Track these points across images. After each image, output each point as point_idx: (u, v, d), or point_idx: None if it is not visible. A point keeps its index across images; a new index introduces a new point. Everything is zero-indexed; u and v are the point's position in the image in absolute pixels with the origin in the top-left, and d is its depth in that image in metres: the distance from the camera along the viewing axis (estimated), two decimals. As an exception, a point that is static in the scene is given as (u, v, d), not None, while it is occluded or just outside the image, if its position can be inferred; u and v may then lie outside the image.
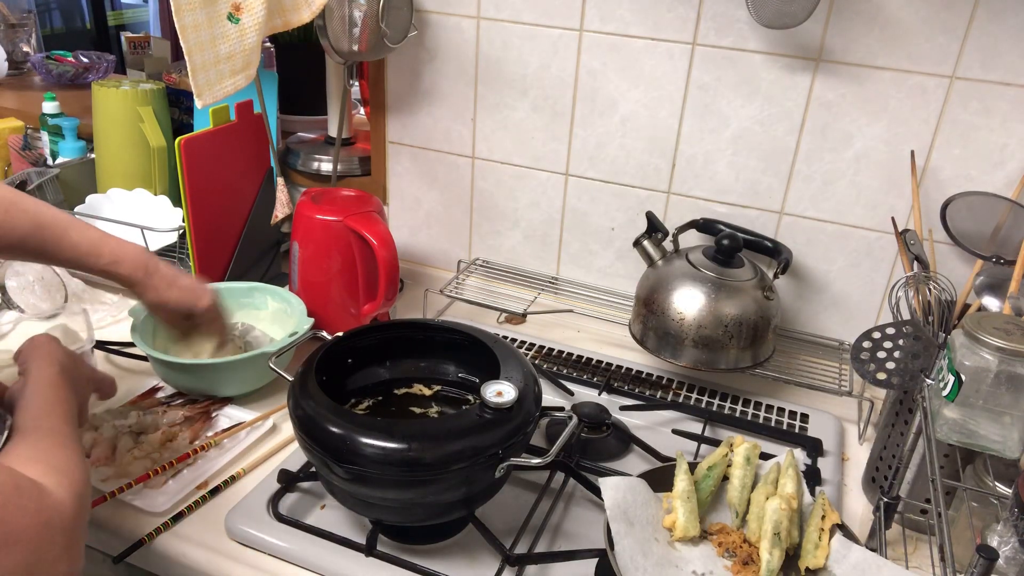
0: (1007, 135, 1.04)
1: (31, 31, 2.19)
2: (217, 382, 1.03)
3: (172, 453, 0.92)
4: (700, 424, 1.05)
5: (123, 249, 0.91)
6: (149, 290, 0.93)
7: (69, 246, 0.88)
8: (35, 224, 0.86)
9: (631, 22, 1.16)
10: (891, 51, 1.05)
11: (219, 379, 1.03)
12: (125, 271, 0.91)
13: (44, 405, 0.68)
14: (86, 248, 0.89)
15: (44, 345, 0.76)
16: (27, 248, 0.86)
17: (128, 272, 0.91)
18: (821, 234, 1.18)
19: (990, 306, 0.93)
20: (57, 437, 0.65)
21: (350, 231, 1.11)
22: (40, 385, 0.70)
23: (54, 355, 0.75)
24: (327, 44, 1.20)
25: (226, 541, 0.83)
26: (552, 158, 1.29)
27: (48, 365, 0.73)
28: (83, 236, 0.89)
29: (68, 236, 0.88)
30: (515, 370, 0.83)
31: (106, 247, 0.90)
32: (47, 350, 0.75)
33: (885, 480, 0.94)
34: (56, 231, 0.87)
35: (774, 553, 0.74)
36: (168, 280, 0.94)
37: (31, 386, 0.70)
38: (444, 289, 1.28)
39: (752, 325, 1.08)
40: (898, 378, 0.91)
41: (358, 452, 0.72)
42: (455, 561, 0.81)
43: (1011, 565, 0.72)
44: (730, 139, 1.18)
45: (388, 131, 1.39)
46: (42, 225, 0.86)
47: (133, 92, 1.38)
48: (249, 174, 1.29)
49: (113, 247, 0.90)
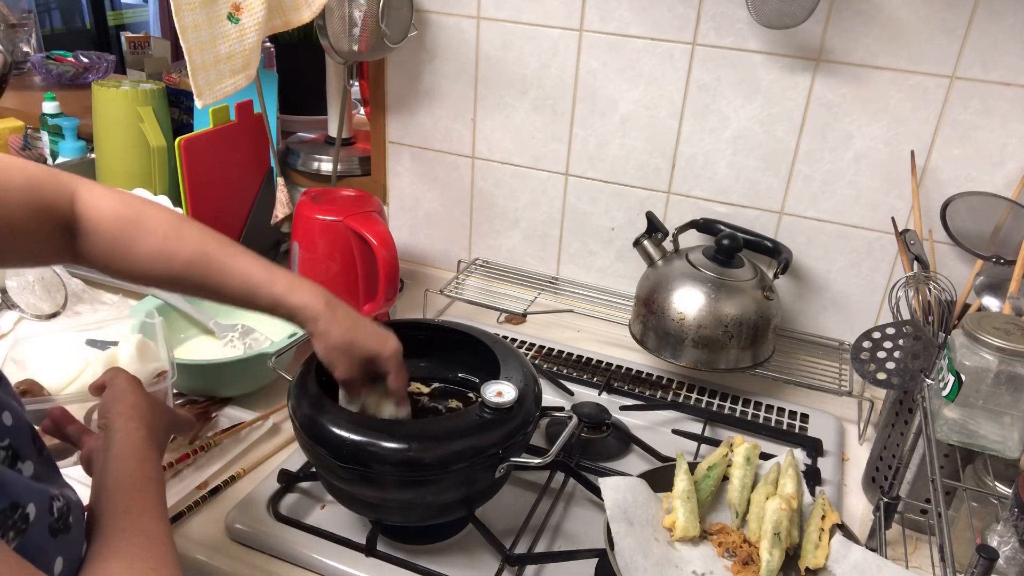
0: (1007, 135, 1.04)
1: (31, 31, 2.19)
2: (217, 382, 1.03)
3: (172, 453, 0.92)
4: (700, 424, 1.05)
5: (299, 279, 0.78)
6: (333, 325, 0.76)
7: (238, 273, 0.75)
8: (201, 251, 0.75)
9: (631, 22, 1.16)
10: (891, 51, 1.05)
11: (219, 379, 1.03)
12: (303, 301, 0.76)
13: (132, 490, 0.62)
14: (257, 277, 0.75)
15: (128, 395, 0.70)
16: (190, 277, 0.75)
17: (306, 302, 0.76)
18: (821, 234, 1.18)
19: (990, 306, 0.93)
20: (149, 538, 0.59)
21: (350, 231, 1.11)
22: (126, 459, 0.64)
23: (141, 412, 0.69)
24: (327, 44, 1.20)
25: (226, 541, 0.83)
26: (552, 158, 1.29)
27: (135, 427, 0.67)
28: (253, 263, 0.76)
29: (236, 262, 0.76)
30: (515, 370, 0.83)
31: (280, 275, 0.76)
32: (131, 402, 0.69)
33: (885, 480, 0.94)
34: (223, 257, 0.75)
35: (774, 553, 0.74)
36: (352, 320, 0.78)
37: (115, 459, 0.64)
38: (444, 289, 1.28)
39: (752, 325, 1.08)
40: (898, 378, 0.91)
41: (358, 452, 0.72)
42: (455, 561, 0.80)
43: (1011, 565, 0.72)
44: (730, 139, 1.18)
45: (388, 131, 1.39)
46: (207, 252, 0.75)
47: (133, 92, 1.38)
48: (249, 174, 1.29)
49: (288, 276, 0.77)
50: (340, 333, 0.76)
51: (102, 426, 0.69)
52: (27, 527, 0.51)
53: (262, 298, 0.76)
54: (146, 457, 0.66)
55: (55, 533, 0.53)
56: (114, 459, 0.64)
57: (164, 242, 0.74)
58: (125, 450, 0.65)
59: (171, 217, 0.75)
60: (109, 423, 0.68)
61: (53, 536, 0.53)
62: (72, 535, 0.55)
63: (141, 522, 0.60)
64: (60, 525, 0.54)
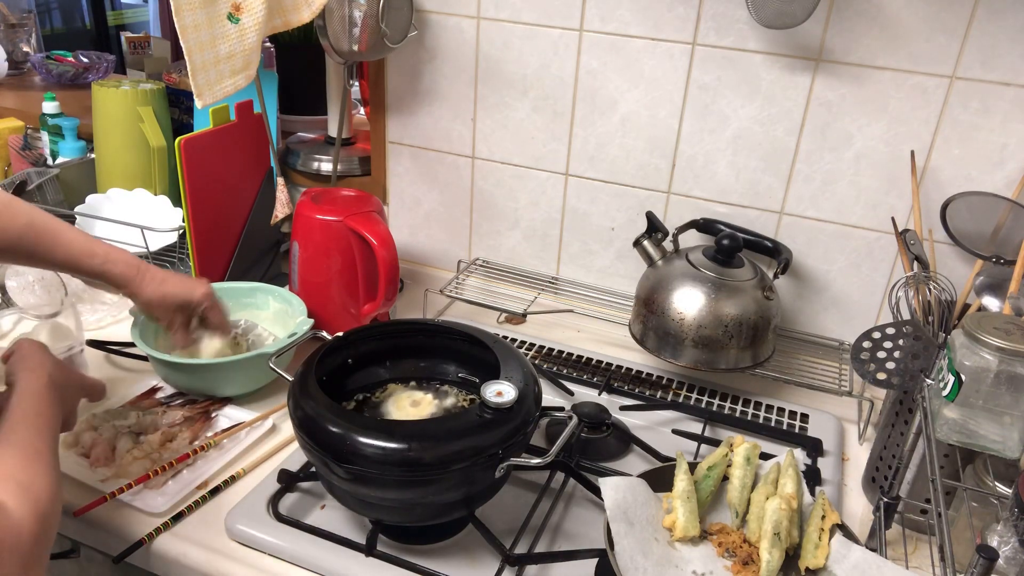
0: (1007, 135, 1.04)
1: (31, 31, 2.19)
2: (217, 382, 1.03)
3: (172, 453, 0.92)
4: (700, 424, 1.05)
5: (115, 251, 0.94)
6: (144, 286, 0.94)
7: (63, 246, 0.89)
8: (28, 225, 0.87)
9: (631, 22, 1.16)
10: (891, 51, 1.05)
11: (219, 379, 1.03)
12: (118, 270, 0.93)
13: (22, 418, 0.67)
14: (79, 248, 0.90)
15: (33, 355, 0.75)
16: (21, 249, 0.87)
17: (121, 271, 0.93)
18: (821, 234, 1.18)
19: (990, 306, 0.93)
20: (27, 451, 0.63)
21: (350, 231, 1.11)
22: (23, 397, 0.69)
23: (43, 365, 0.74)
24: (327, 44, 1.20)
25: (226, 541, 0.83)
26: (552, 158, 1.29)
27: (36, 377, 0.72)
28: (76, 238, 0.91)
29: (62, 237, 0.90)
30: (515, 370, 0.83)
31: (99, 248, 0.92)
32: (37, 360, 0.74)
33: (885, 480, 0.94)
34: (49, 233, 0.89)
35: (774, 553, 0.74)
36: (160, 277, 0.96)
37: (14, 398, 0.69)
38: (444, 289, 1.28)
39: (752, 325, 1.08)
40: (898, 378, 0.91)
41: (358, 452, 0.72)
42: (455, 561, 0.80)
43: (1011, 565, 0.72)
44: (730, 139, 1.18)
45: (388, 131, 1.39)
46: (35, 226, 0.88)
47: (133, 92, 1.38)
48: (249, 174, 1.29)
49: (106, 248, 0.93)
50: (151, 289, 0.95)
51: (9, 383, 0.72)
52: None
53: (84, 268, 0.91)
54: (42, 397, 0.70)
55: None
56: (13, 401, 0.68)
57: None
58: (23, 392, 0.70)
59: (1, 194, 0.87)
60: (14, 377, 0.72)
61: None
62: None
63: (22, 437, 0.64)
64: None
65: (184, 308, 0.98)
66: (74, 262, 0.91)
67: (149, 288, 0.95)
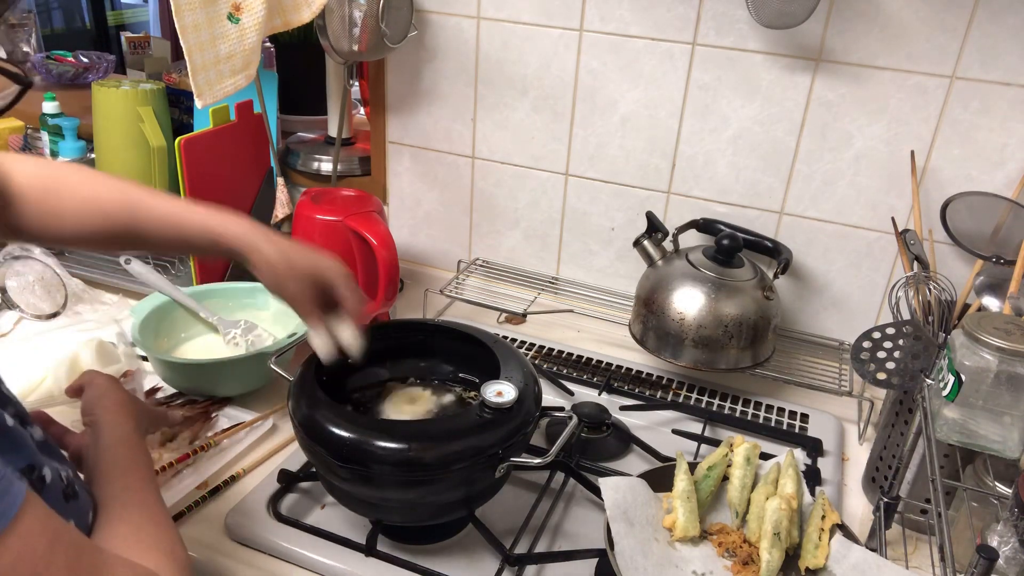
0: (1007, 135, 1.04)
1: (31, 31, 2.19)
2: (217, 382, 1.03)
3: (172, 453, 0.92)
4: (700, 424, 1.05)
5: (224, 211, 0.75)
6: (273, 250, 0.74)
7: (166, 213, 0.73)
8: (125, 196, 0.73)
9: (631, 22, 1.16)
10: (891, 51, 1.05)
11: (219, 379, 1.03)
12: (241, 231, 0.73)
13: (128, 472, 0.64)
14: (187, 215, 0.73)
15: (110, 393, 0.72)
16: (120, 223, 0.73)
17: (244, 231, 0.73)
18: (821, 234, 1.18)
19: (990, 306, 0.93)
20: (151, 512, 0.62)
21: (350, 231, 1.11)
22: (116, 445, 0.66)
23: (124, 405, 0.71)
24: (327, 44, 1.20)
25: (226, 541, 0.83)
26: (552, 158, 1.29)
27: (121, 420, 0.69)
28: (178, 202, 0.75)
29: (162, 203, 0.74)
30: (515, 370, 0.83)
31: (206, 210, 0.74)
32: (115, 399, 0.71)
33: (885, 480, 0.94)
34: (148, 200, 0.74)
35: (774, 553, 0.74)
36: (287, 242, 0.76)
37: (106, 445, 0.66)
38: (444, 289, 1.28)
39: (752, 325, 1.08)
40: (898, 378, 0.91)
41: (358, 452, 0.72)
42: (455, 561, 0.80)
43: (1011, 565, 0.72)
44: (730, 139, 1.18)
45: (388, 131, 1.39)
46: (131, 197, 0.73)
47: (133, 92, 1.38)
48: (249, 174, 1.29)
49: (215, 210, 0.75)
50: (281, 255, 0.74)
51: (88, 423, 0.70)
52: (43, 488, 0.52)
53: (196, 235, 0.73)
54: (136, 445, 0.68)
55: (67, 498, 0.56)
56: (105, 449, 0.66)
57: (90, 193, 0.73)
58: (115, 440, 0.67)
59: (89, 171, 0.75)
60: (96, 419, 0.70)
61: (66, 500, 0.55)
62: (80, 502, 0.57)
63: (141, 497, 0.63)
64: (70, 492, 0.56)
65: (316, 282, 0.77)
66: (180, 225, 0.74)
67: (278, 254, 0.75)
